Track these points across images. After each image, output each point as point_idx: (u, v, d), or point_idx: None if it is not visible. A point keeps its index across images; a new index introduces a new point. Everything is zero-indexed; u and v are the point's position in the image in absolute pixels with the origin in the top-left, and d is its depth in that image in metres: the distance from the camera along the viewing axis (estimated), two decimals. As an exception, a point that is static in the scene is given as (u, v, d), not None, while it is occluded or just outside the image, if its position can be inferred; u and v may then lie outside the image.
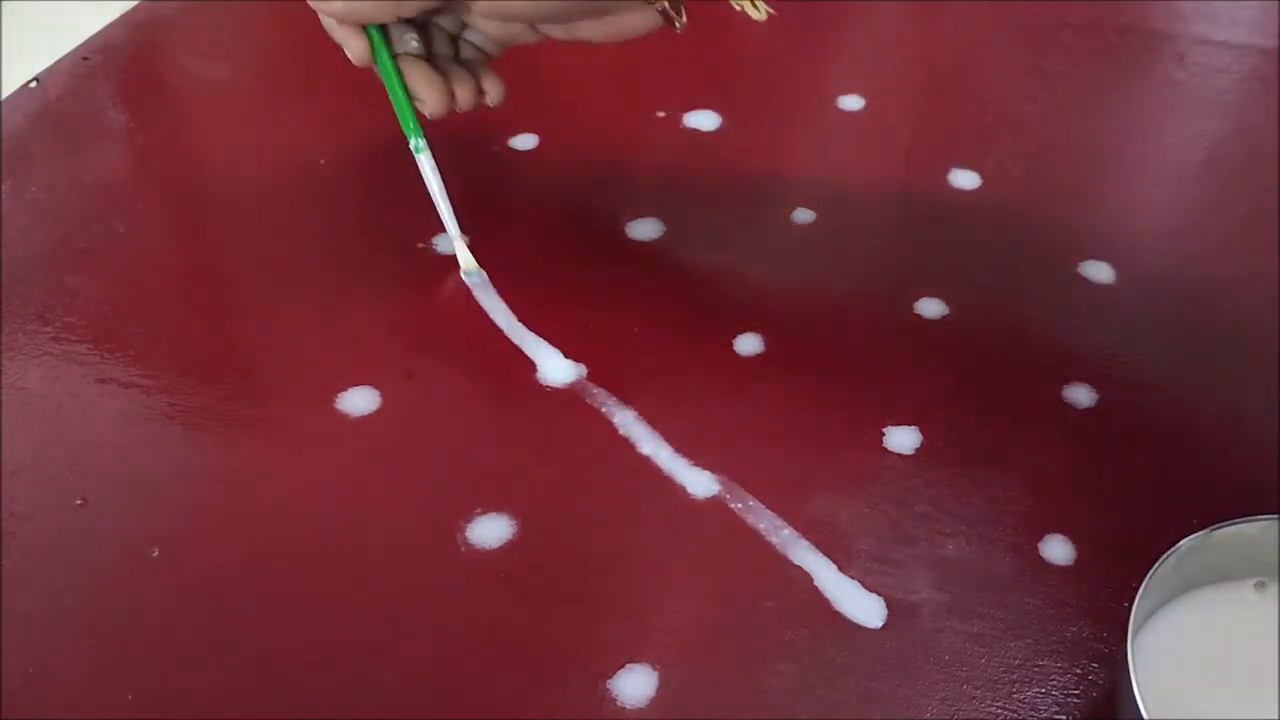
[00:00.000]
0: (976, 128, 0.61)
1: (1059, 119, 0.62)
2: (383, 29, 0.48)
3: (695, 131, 0.61)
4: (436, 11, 0.48)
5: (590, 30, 0.47)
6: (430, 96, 0.48)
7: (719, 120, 0.61)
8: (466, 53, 0.51)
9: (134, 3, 0.70)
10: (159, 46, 0.69)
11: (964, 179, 0.58)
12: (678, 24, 0.45)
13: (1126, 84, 0.64)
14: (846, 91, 0.63)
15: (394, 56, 0.49)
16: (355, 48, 0.48)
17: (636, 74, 0.66)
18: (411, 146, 0.50)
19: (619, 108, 0.63)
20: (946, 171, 0.58)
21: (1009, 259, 0.53)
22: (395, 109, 0.49)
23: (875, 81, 0.64)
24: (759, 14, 0.46)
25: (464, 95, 0.49)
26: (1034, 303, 0.51)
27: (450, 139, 0.60)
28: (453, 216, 0.51)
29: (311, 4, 0.47)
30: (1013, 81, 0.64)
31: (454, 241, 0.51)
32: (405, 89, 0.49)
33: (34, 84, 0.64)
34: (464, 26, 0.50)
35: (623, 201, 0.56)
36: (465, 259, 0.51)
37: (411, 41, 0.49)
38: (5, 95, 0.63)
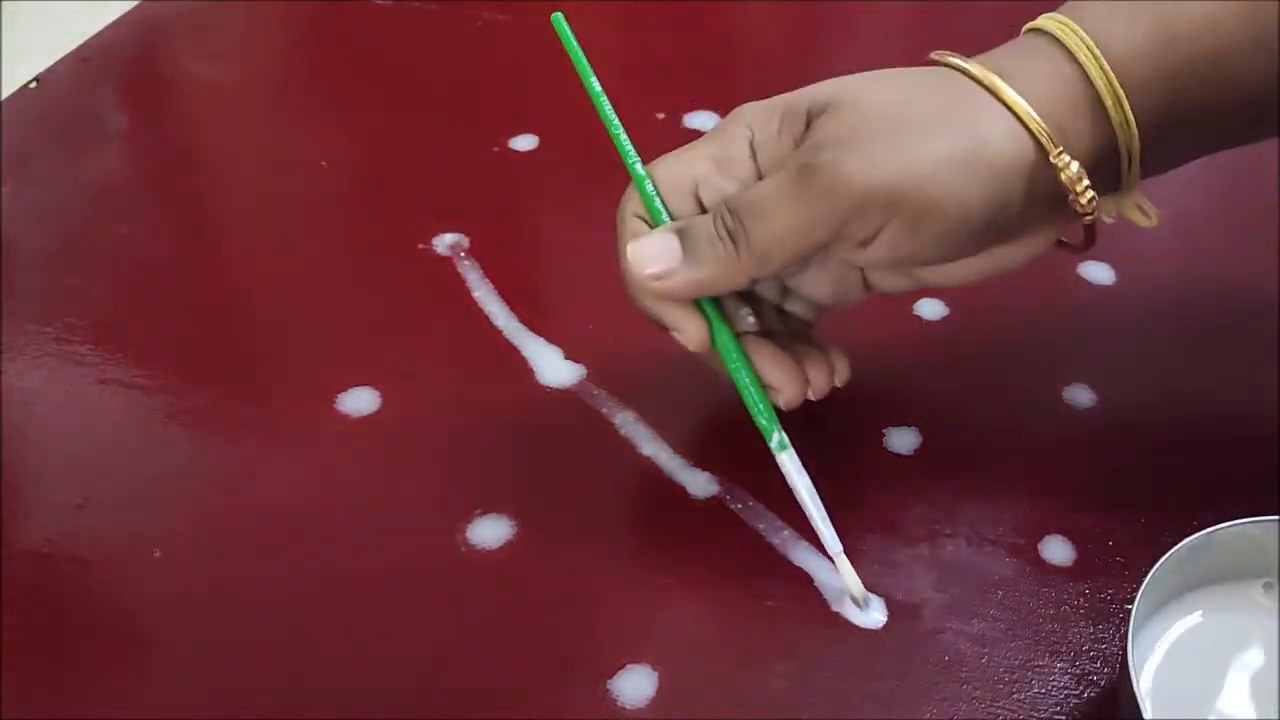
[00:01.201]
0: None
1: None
2: (718, 302, 0.39)
3: (695, 132, 0.61)
4: (792, 270, 0.40)
5: (963, 271, 0.39)
6: (787, 385, 0.40)
7: (719, 120, 0.61)
8: (791, 325, 0.42)
9: (134, 3, 0.70)
10: (159, 46, 0.69)
11: (964, 179, 0.57)
12: (1089, 244, 0.39)
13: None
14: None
15: (737, 337, 0.40)
16: (694, 332, 0.39)
17: (636, 74, 0.66)
18: (773, 445, 0.40)
19: (619, 108, 0.63)
20: (946, 172, 0.58)
21: (1009, 259, 0.53)
22: (745, 400, 0.40)
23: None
24: (1151, 221, 0.40)
25: (819, 379, 0.40)
26: (1034, 303, 0.51)
27: (450, 139, 0.60)
28: (831, 528, 0.40)
29: (636, 281, 0.38)
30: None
31: (837, 560, 0.40)
32: (755, 377, 0.40)
33: (34, 84, 0.64)
34: (786, 293, 0.42)
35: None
36: (854, 583, 0.40)
37: (748, 318, 0.41)
38: (5, 95, 0.63)
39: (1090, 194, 0.37)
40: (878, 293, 0.42)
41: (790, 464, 0.40)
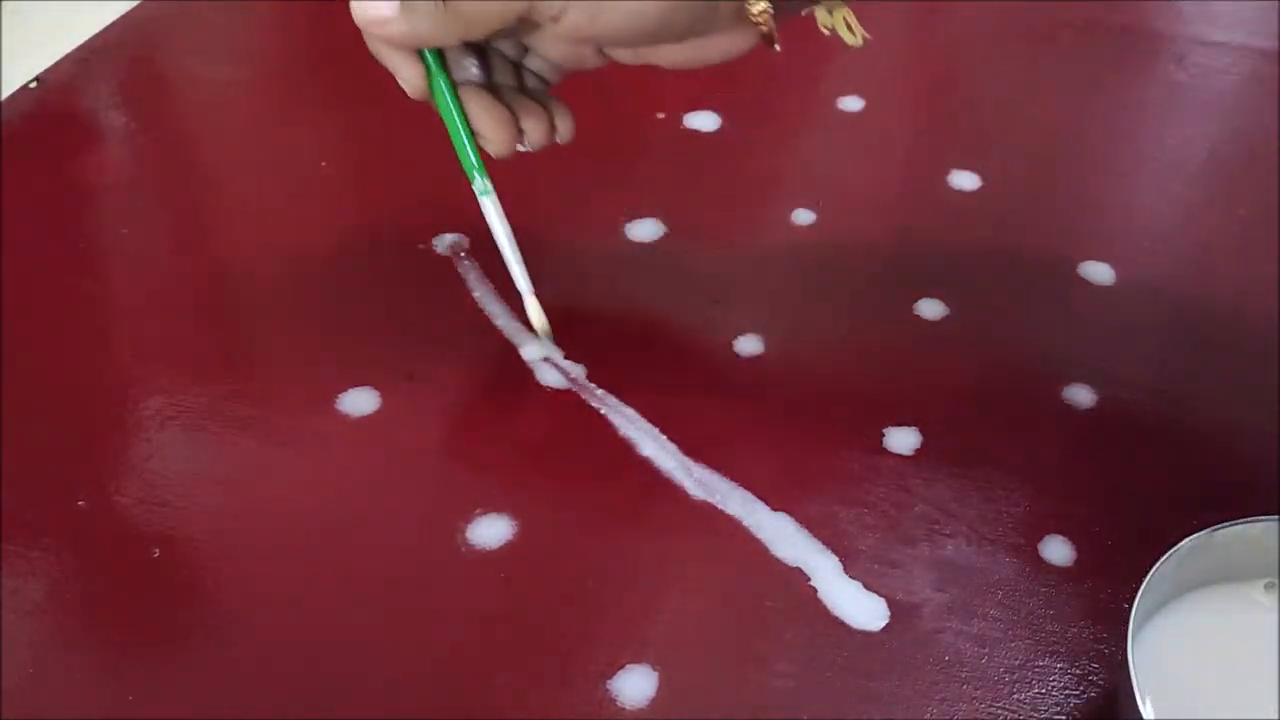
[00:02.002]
0: (976, 128, 0.61)
1: (1059, 119, 0.62)
2: (440, 54, 0.43)
3: (695, 132, 0.61)
4: (504, 34, 0.42)
5: (669, 54, 0.42)
6: (497, 136, 0.43)
7: (719, 120, 0.61)
8: (529, 82, 0.45)
9: (134, 3, 0.70)
10: (159, 46, 0.69)
11: (964, 179, 0.58)
12: (777, 45, 0.41)
13: (1126, 84, 0.64)
14: (846, 92, 0.63)
15: (454, 86, 0.43)
16: (410, 76, 0.43)
17: (636, 74, 0.66)
18: (476, 190, 0.44)
19: (619, 108, 0.63)
20: (946, 172, 0.58)
21: (1009, 259, 0.53)
22: (455, 146, 0.44)
23: (875, 82, 0.64)
24: (855, 40, 0.42)
25: (536, 132, 0.44)
26: (1034, 303, 0.51)
27: (450, 140, 0.60)
28: (524, 269, 0.45)
29: (362, 25, 0.41)
30: (1013, 81, 0.64)
31: (525, 299, 0.46)
32: (467, 124, 0.43)
33: (34, 84, 0.64)
34: (526, 52, 0.45)
35: (623, 202, 0.56)
36: (539, 318, 0.46)
37: (472, 69, 0.43)
38: (5, 95, 0.63)
39: (762, 6, 0.39)
40: (612, 61, 0.45)
41: (491, 208, 0.45)
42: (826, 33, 0.42)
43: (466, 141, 0.43)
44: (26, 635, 0.39)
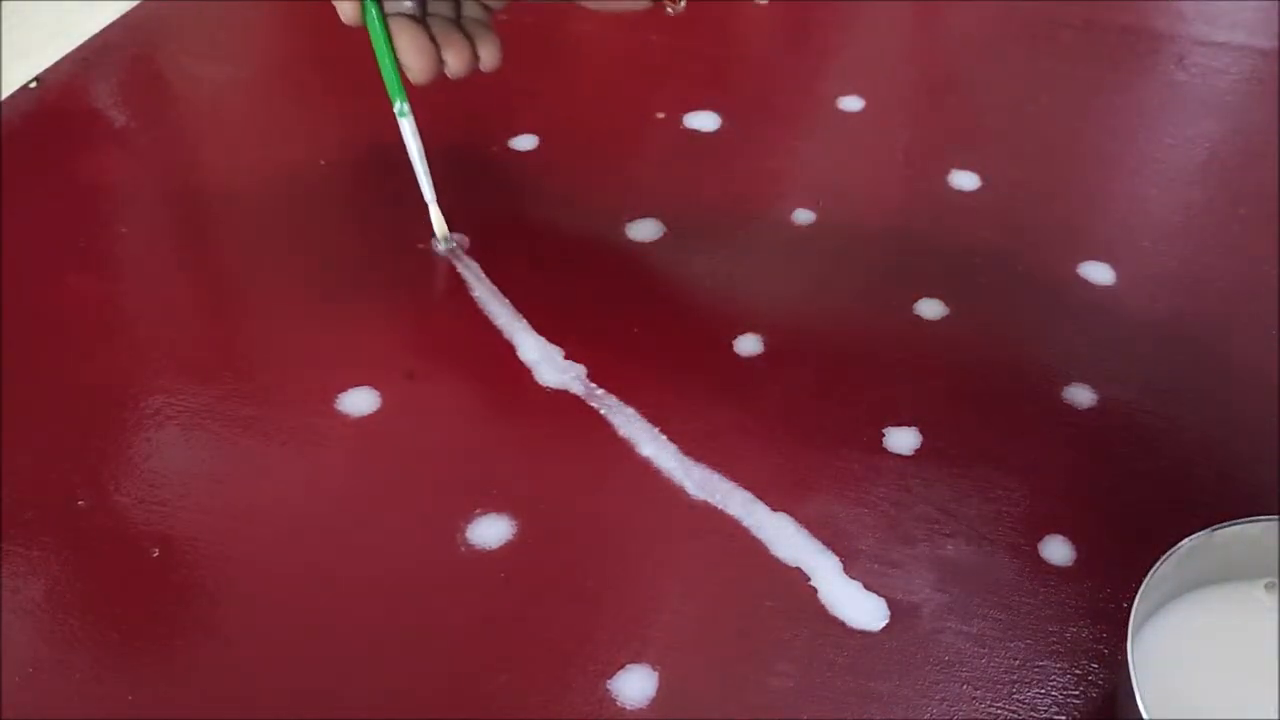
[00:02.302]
0: (976, 128, 0.61)
1: (1059, 119, 0.62)
2: None
3: (695, 131, 0.61)
4: None
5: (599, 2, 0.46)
6: (417, 63, 0.47)
7: (719, 120, 0.61)
8: (469, 10, 0.49)
9: (134, 3, 0.70)
10: (159, 46, 0.69)
11: (964, 179, 0.58)
12: (671, 8, 0.44)
13: (1126, 84, 0.64)
14: (846, 91, 0.63)
15: (383, 16, 0.47)
16: (345, 5, 0.46)
17: (636, 74, 0.66)
18: (395, 110, 0.49)
19: (619, 108, 0.63)
20: (946, 172, 0.58)
21: (1009, 259, 0.53)
22: (381, 70, 0.48)
23: (875, 81, 0.64)
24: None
25: (455, 62, 0.48)
26: (1034, 303, 0.51)
27: (450, 139, 0.60)
28: (430, 183, 0.51)
29: None
30: (1012, 81, 0.64)
31: (429, 207, 0.51)
32: (392, 53, 0.47)
33: (34, 84, 0.64)
34: None
35: (623, 202, 0.56)
36: (439, 225, 0.52)
37: (406, 2, 0.47)
38: (5, 95, 0.63)
39: None
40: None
41: (407, 128, 0.50)
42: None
43: (390, 67, 0.48)
44: (26, 635, 0.39)
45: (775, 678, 0.38)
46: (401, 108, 0.49)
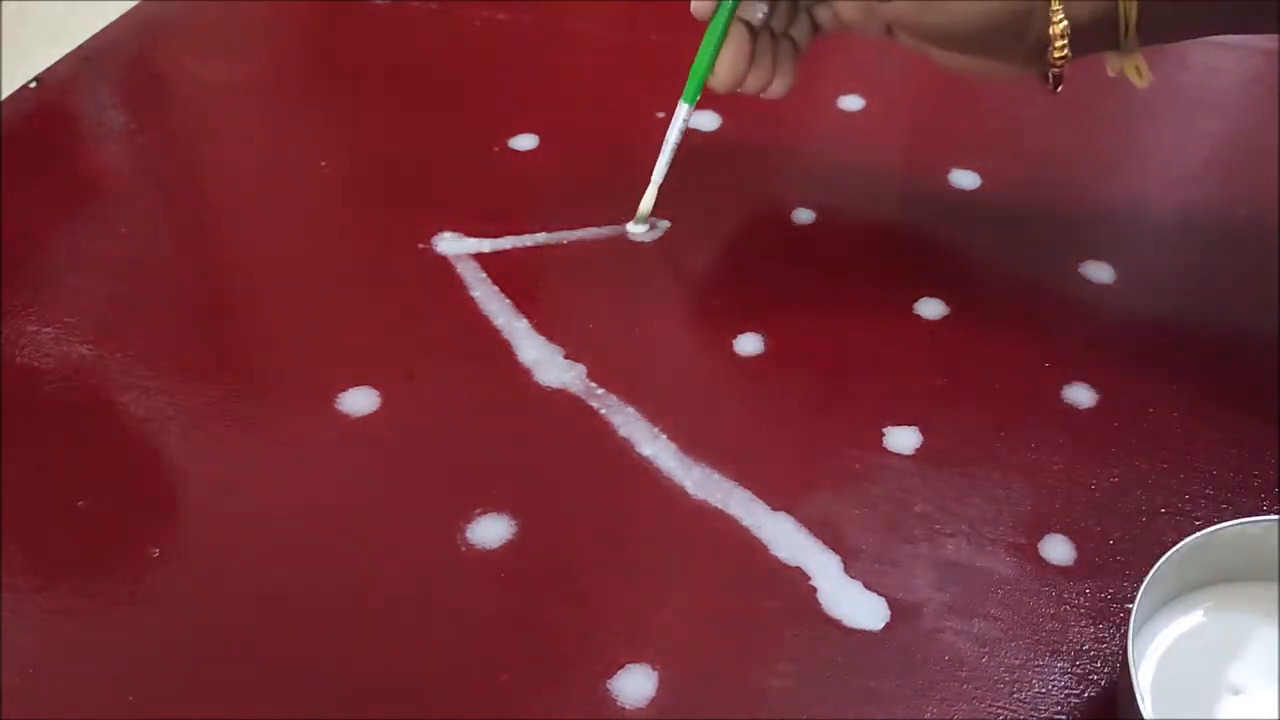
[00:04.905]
0: (976, 128, 0.61)
1: (1059, 119, 0.62)
2: None
3: (695, 131, 0.61)
4: None
5: (955, 59, 0.45)
6: (725, 77, 0.49)
7: (719, 120, 0.61)
8: (797, 31, 0.50)
9: (134, 3, 0.70)
10: (159, 46, 0.69)
11: (964, 179, 0.58)
12: (1060, 88, 0.45)
13: (1126, 84, 0.64)
14: (846, 91, 0.63)
15: (729, 20, 0.48)
16: (700, 5, 0.48)
17: (636, 74, 0.66)
18: (681, 100, 0.50)
19: (619, 108, 0.63)
20: (946, 171, 0.58)
21: (1009, 259, 0.53)
22: (694, 66, 0.49)
23: (875, 81, 0.64)
24: (1142, 82, 0.45)
25: (755, 81, 0.49)
26: (1034, 303, 0.51)
27: (450, 139, 0.60)
28: (666, 167, 0.52)
29: None
30: (1013, 82, 0.64)
31: (651, 185, 0.52)
32: (714, 56, 0.49)
33: (34, 84, 0.64)
34: (821, 1, 0.49)
35: (622, 201, 0.56)
36: (646, 204, 0.53)
37: (758, 12, 0.49)
38: (5, 95, 0.63)
39: (1064, 52, 0.43)
40: (893, 40, 0.47)
41: (681, 115, 0.51)
42: (1113, 74, 0.45)
43: (704, 68, 0.49)
44: (26, 635, 0.39)
45: (775, 678, 0.38)
46: (686, 104, 0.50)
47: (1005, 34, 0.43)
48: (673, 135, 0.51)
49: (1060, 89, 0.45)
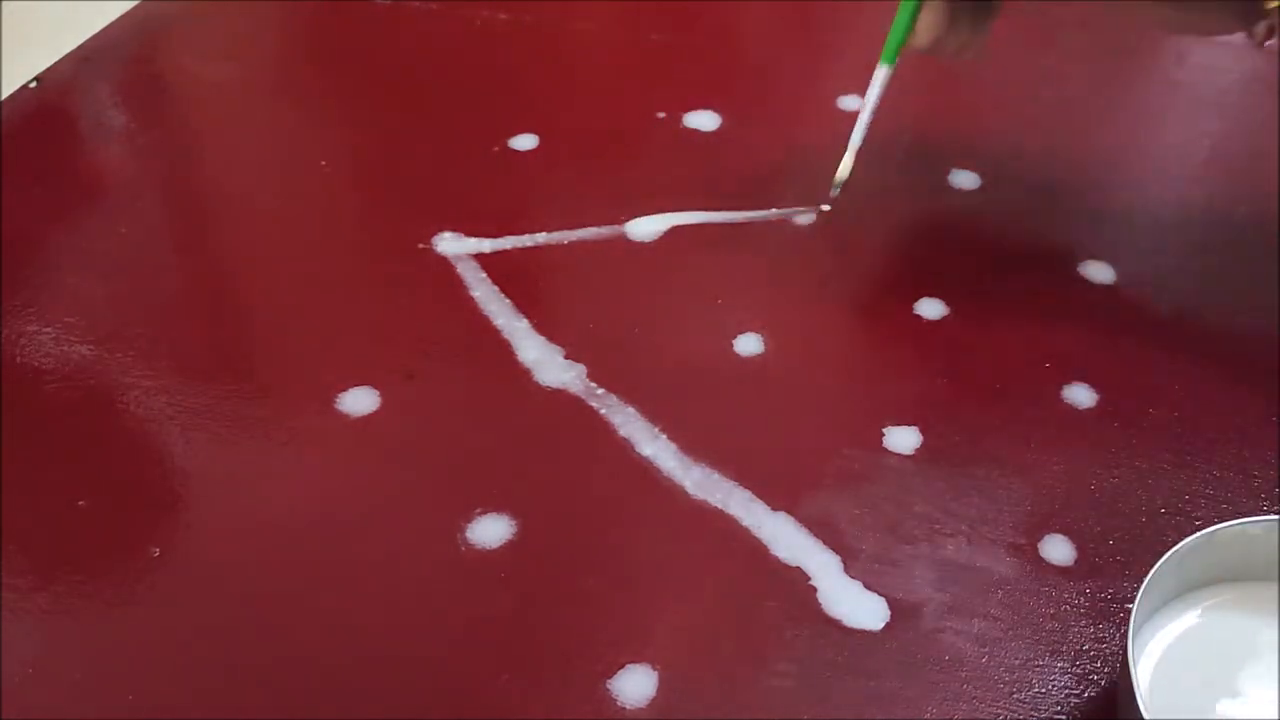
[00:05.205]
0: (976, 128, 0.61)
1: (1059, 119, 0.62)
2: None
3: (695, 131, 0.61)
4: None
5: (1163, 12, 0.47)
6: (926, 37, 0.48)
7: (719, 120, 0.61)
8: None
9: (134, 2, 0.70)
10: (159, 46, 0.69)
11: (964, 179, 0.58)
12: (1261, 43, 0.45)
13: (1126, 84, 0.64)
14: (846, 91, 0.63)
15: None
16: None
17: (636, 74, 0.66)
18: (881, 61, 0.50)
19: (619, 108, 0.63)
20: (947, 171, 0.58)
21: (1009, 259, 0.53)
22: (892, 28, 0.50)
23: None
24: None
25: (952, 42, 0.49)
26: (1034, 303, 0.51)
27: (450, 139, 0.60)
28: (863, 133, 0.52)
29: None
30: (1013, 81, 0.64)
31: (848, 150, 0.52)
32: (914, 17, 0.48)
33: (34, 84, 0.64)
34: None
35: (622, 201, 0.56)
36: (843, 169, 0.52)
37: None
38: (5, 95, 0.63)
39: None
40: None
41: (880, 77, 0.50)
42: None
43: (902, 30, 0.49)
44: (26, 635, 0.39)
45: (775, 678, 0.38)
46: (884, 66, 0.50)
47: None
48: (871, 99, 0.51)
49: (1270, 42, 0.44)
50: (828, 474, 0.44)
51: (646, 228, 0.55)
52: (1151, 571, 0.35)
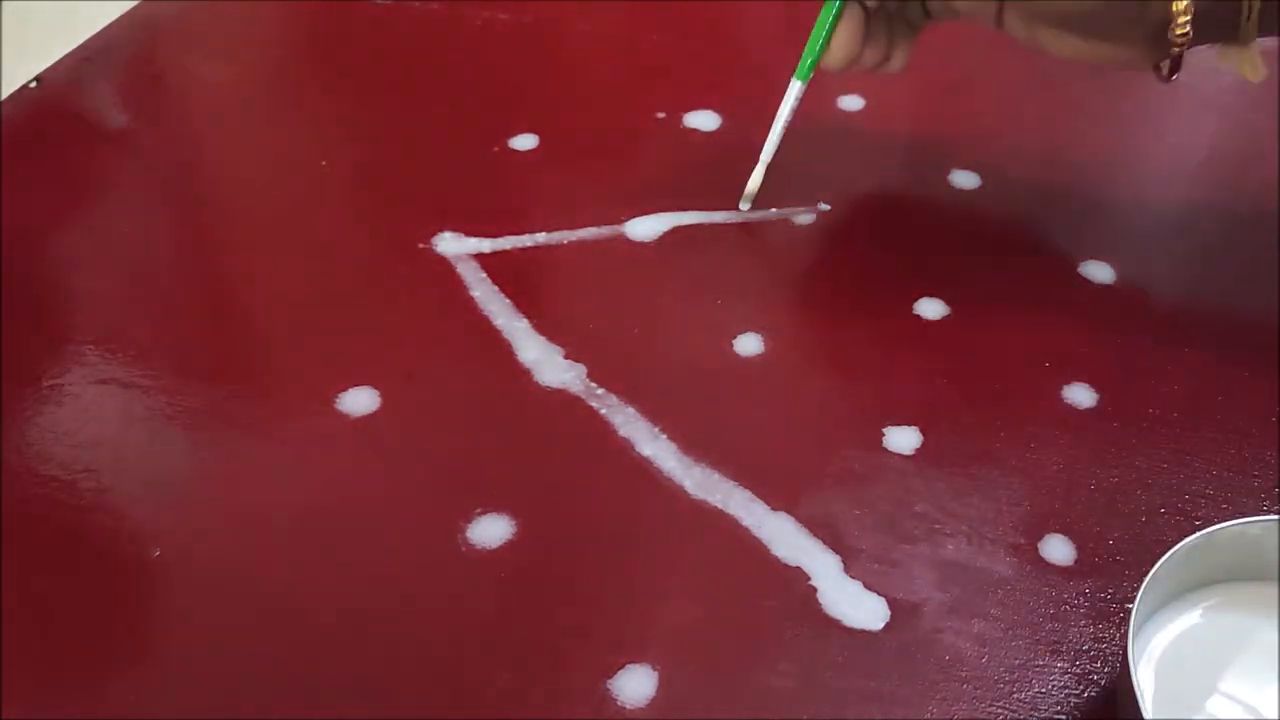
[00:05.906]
0: (976, 128, 0.61)
1: (1059, 119, 0.62)
2: None
3: (695, 132, 0.61)
4: None
5: (1068, 44, 0.46)
6: (840, 55, 0.49)
7: (719, 120, 0.61)
8: (912, 13, 0.50)
9: (134, 2, 0.70)
10: (159, 46, 0.69)
11: (964, 179, 0.58)
12: (1176, 76, 0.45)
13: (1126, 84, 0.64)
14: (846, 91, 0.63)
15: (845, 3, 0.49)
16: None
17: (636, 74, 0.66)
18: (794, 76, 0.51)
19: (619, 108, 0.63)
20: (946, 171, 0.58)
21: (1009, 259, 0.53)
22: (808, 44, 0.50)
23: (875, 81, 0.64)
24: (1256, 76, 0.45)
25: (870, 56, 0.50)
26: (1034, 303, 0.51)
27: (450, 139, 0.60)
28: (774, 148, 0.53)
29: None
30: (1013, 81, 0.64)
31: (759, 164, 0.53)
32: (830, 33, 0.49)
33: (34, 84, 0.64)
34: None
35: (623, 201, 0.56)
36: (753, 184, 0.53)
37: None
38: (5, 95, 0.63)
39: (1186, 29, 0.42)
40: (1004, 31, 0.48)
41: (793, 94, 0.52)
42: (1223, 66, 0.45)
43: (817, 46, 0.50)
44: (26, 635, 0.39)
45: (775, 678, 0.38)
46: (798, 81, 0.51)
47: (1123, 13, 0.43)
48: (783, 114, 0.52)
49: (1175, 77, 0.44)
50: (828, 474, 0.44)
51: (646, 228, 0.55)
52: (1151, 571, 0.35)
